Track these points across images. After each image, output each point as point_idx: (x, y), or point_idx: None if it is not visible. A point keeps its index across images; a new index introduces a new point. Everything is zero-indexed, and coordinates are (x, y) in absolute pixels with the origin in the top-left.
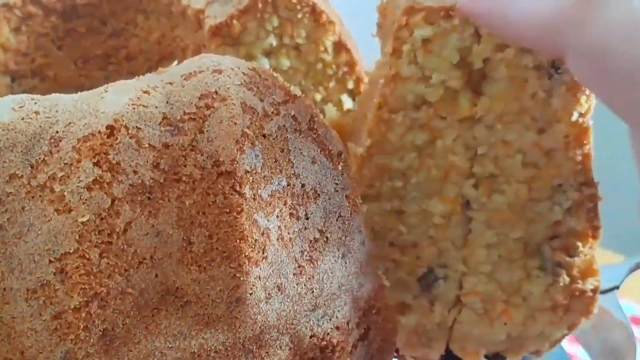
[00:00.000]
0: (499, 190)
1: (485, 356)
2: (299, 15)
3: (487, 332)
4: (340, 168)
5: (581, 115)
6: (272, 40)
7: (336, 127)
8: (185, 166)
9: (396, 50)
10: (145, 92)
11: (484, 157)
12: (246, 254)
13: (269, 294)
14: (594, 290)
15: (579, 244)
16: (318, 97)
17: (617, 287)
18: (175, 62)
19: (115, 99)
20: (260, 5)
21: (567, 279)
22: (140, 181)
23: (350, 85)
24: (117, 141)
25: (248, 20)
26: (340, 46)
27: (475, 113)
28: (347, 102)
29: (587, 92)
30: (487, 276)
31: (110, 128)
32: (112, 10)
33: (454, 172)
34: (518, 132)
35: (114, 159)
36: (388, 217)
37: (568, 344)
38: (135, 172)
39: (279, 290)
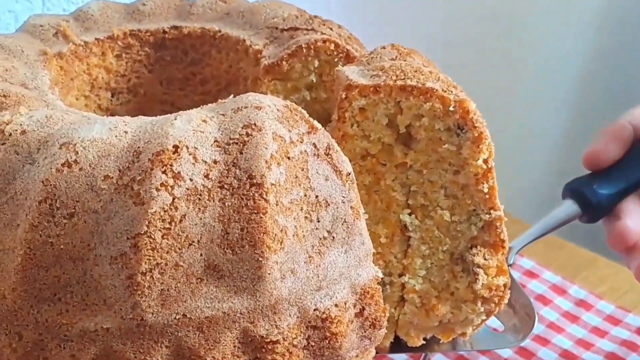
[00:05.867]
0: (429, 216)
1: (424, 339)
2: (336, 60)
3: (424, 320)
4: (347, 185)
5: (484, 160)
6: (313, 78)
7: None
8: (227, 177)
9: (341, 117)
10: (204, 120)
11: (416, 192)
12: (267, 244)
13: (283, 275)
14: (505, 285)
15: (492, 251)
16: None
17: (510, 265)
18: (231, 96)
19: (181, 125)
20: (304, 51)
21: (485, 277)
22: (194, 186)
23: None
24: (180, 157)
25: (295, 62)
26: None
27: (407, 162)
28: None
29: (488, 142)
30: (422, 278)
31: (175, 147)
32: (192, 44)
33: (394, 204)
34: (439, 174)
35: (176, 169)
36: None
37: None
38: (191, 180)
39: (292, 273)
